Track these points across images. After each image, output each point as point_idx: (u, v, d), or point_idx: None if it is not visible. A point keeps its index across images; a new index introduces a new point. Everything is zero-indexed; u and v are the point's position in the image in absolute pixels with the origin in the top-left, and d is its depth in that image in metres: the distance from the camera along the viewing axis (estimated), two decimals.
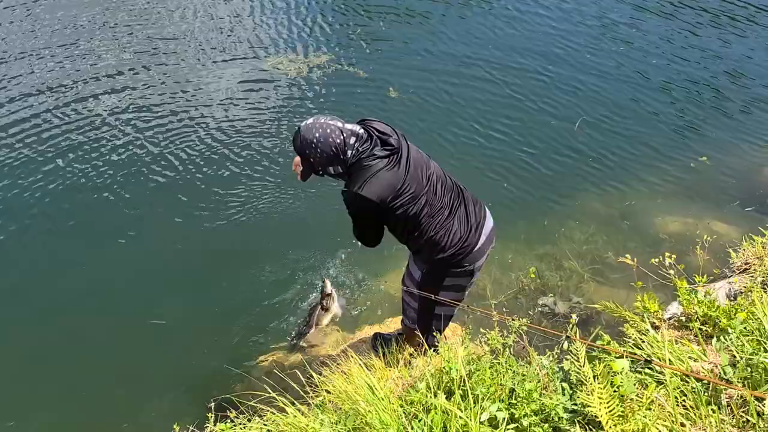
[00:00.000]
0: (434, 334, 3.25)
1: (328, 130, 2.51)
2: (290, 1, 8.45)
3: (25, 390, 3.82)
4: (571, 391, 2.31)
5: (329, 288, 3.81)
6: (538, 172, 5.63)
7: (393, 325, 3.96)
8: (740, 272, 3.56)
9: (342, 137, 2.52)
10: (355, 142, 2.55)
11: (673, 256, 3.05)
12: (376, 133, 2.59)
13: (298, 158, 2.77)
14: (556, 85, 6.81)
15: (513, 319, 2.54)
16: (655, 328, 2.76)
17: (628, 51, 7.48)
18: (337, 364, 3.10)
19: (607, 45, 7.59)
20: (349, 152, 2.54)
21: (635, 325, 2.79)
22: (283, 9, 8.26)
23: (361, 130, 2.59)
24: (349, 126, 2.57)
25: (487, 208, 2.91)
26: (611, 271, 4.61)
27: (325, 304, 3.80)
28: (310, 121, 2.56)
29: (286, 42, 7.54)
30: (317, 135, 2.51)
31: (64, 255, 4.68)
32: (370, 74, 6.90)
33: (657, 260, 3.14)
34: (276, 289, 4.42)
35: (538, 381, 2.37)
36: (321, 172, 2.64)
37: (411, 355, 3.31)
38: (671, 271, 2.99)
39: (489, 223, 2.87)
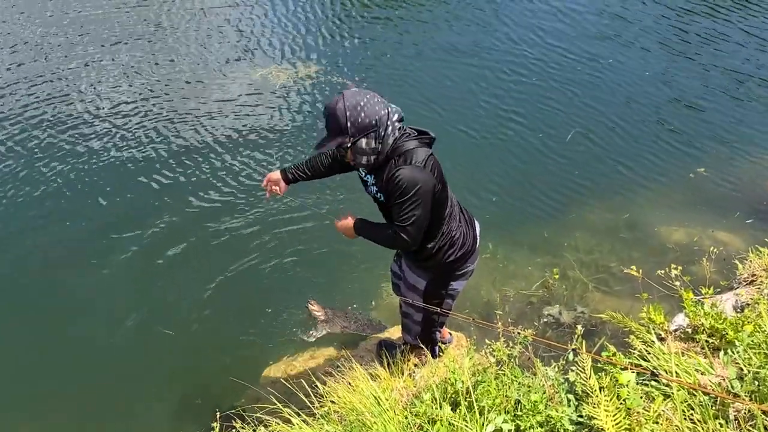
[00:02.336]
0: (438, 345, 3.25)
1: (375, 99, 2.40)
2: (279, 12, 8.51)
3: (34, 396, 3.83)
4: (576, 403, 2.30)
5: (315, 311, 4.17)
6: (534, 183, 5.60)
7: (397, 333, 3.96)
8: (747, 284, 3.54)
9: (386, 111, 2.41)
10: (398, 120, 2.45)
11: (679, 267, 3.04)
12: (411, 128, 2.54)
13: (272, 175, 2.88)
14: (547, 97, 6.78)
15: (519, 332, 2.54)
16: (661, 339, 2.75)
17: (620, 63, 7.47)
18: (342, 373, 3.09)
19: (598, 56, 7.58)
20: (390, 129, 2.41)
21: (641, 336, 2.78)
22: (272, 20, 8.32)
23: (400, 115, 2.49)
24: (392, 105, 2.48)
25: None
26: (616, 281, 4.60)
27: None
28: (354, 89, 2.44)
29: (276, 52, 7.57)
30: (363, 101, 2.37)
31: (75, 265, 4.69)
32: (359, 84, 6.92)
33: (663, 272, 3.13)
34: (282, 301, 4.41)
35: (544, 392, 2.36)
36: (349, 144, 2.40)
37: (416, 365, 3.31)
38: (677, 283, 2.98)
39: (477, 225, 2.94)
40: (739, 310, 3.10)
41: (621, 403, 2.15)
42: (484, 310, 4.31)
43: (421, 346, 3.18)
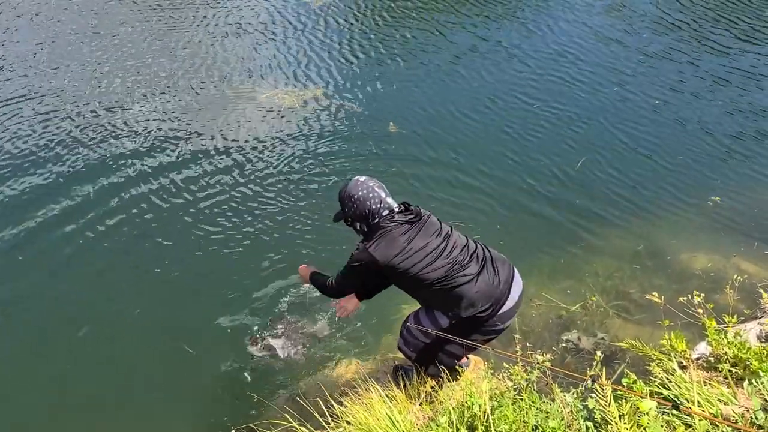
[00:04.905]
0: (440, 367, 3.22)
1: (370, 195, 2.79)
2: (284, 36, 8.67)
3: (50, 408, 3.88)
4: (595, 431, 2.27)
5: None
6: (547, 211, 5.57)
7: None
8: None
9: (378, 206, 2.79)
10: (387, 215, 2.80)
11: (702, 294, 3.00)
12: (404, 206, 2.86)
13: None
14: (558, 123, 6.80)
15: (537, 363, 2.52)
16: (683, 368, 2.71)
17: (628, 90, 7.48)
18: (358, 394, 3.09)
19: (603, 84, 7.61)
20: (377, 219, 2.81)
21: (662, 364, 2.74)
22: (277, 43, 8.47)
23: (396, 207, 2.83)
24: (389, 200, 2.83)
25: (515, 269, 2.94)
26: (636, 307, 4.54)
27: None
28: (362, 179, 2.85)
29: (282, 75, 7.68)
30: (360, 194, 2.79)
31: (103, 286, 4.77)
32: (366, 108, 6.99)
33: (685, 299, 3.09)
34: (298, 319, 4.43)
35: (562, 419, 2.33)
36: (350, 222, 2.93)
37: (432, 387, 3.29)
38: (699, 310, 2.94)
39: (518, 284, 2.91)
40: (763, 339, 3.05)
41: None
42: (502, 335, 4.27)
43: (414, 361, 3.19)
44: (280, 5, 9.55)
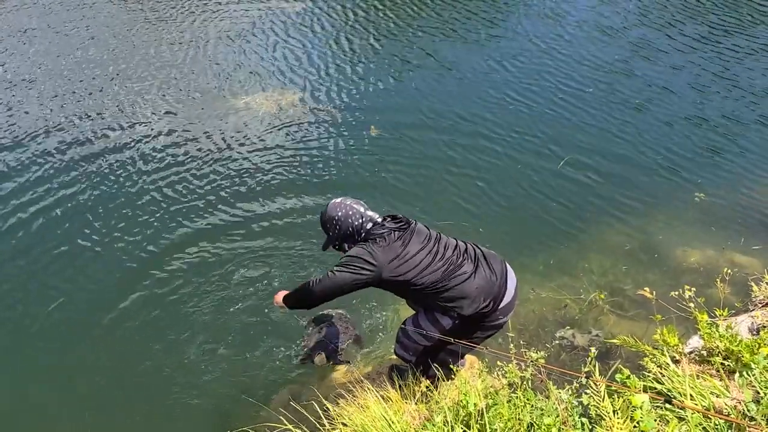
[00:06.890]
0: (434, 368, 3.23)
1: (350, 212, 2.82)
2: (261, 42, 8.66)
3: (49, 408, 3.88)
4: (590, 426, 2.28)
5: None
6: (533, 211, 5.57)
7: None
8: (763, 306, 3.50)
9: (360, 221, 2.81)
10: (371, 228, 2.82)
11: (693, 289, 3.02)
12: (389, 216, 2.90)
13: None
14: (540, 122, 6.82)
15: (532, 361, 2.53)
16: (676, 362, 2.72)
17: (606, 90, 7.53)
18: (354, 396, 3.09)
19: (584, 84, 7.67)
20: (363, 234, 2.82)
21: (655, 359, 2.76)
22: (254, 49, 8.44)
23: (380, 219, 2.86)
24: (370, 213, 2.86)
25: (507, 263, 2.98)
26: (630, 303, 4.56)
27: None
28: (338, 200, 2.89)
29: (260, 80, 7.64)
30: (339, 214, 2.82)
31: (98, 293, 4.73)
32: (346, 112, 6.97)
33: (677, 293, 3.11)
34: (294, 320, 4.43)
35: (557, 416, 2.34)
36: (337, 246, 2.93)
37: (427, 387, 3.29)
38: (691, 304, 2.96)
39: (512, 277, 2.95)
40: (754, 332, 3.07)
41: (635, 426, 2.13)
42: (497, 333, 4.28)
43: (412, 365, 3.19)
44: (256, 11, 9.52)
